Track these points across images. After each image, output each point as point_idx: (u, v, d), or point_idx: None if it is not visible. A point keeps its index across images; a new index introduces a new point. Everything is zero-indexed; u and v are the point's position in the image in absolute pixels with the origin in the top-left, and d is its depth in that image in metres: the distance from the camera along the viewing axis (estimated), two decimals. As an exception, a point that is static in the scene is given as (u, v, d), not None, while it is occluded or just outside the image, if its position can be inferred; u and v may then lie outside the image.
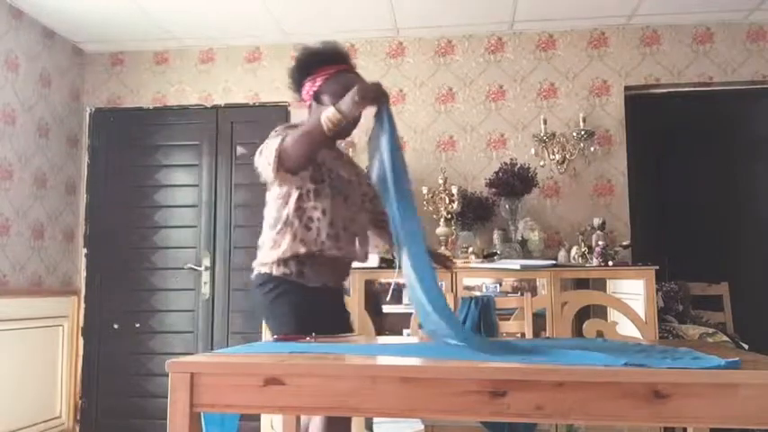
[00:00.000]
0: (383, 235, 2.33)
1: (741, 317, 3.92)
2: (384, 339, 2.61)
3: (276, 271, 2.07)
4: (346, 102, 1.85)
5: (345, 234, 2.10)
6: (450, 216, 3.61)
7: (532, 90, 4.09)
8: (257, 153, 2.03)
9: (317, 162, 2.05)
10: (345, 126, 1.97)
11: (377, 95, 1.85)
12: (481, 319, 2.86)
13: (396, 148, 1.78)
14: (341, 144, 2.54)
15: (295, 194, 2.05)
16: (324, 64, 2.12)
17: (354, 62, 2.24)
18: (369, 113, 1.92)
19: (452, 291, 3.23)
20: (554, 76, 4.09)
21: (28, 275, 3.88)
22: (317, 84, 2.11)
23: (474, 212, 3.83)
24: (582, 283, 3.53)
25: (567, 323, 3.17)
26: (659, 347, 1.58)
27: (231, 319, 4.21)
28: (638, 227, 3.96)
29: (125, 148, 4.41)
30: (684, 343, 1.91)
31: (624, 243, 3.64)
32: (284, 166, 1.92)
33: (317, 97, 2.12)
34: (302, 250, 2.04)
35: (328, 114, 1.86)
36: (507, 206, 3.76)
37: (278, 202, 2.08)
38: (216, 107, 4.36)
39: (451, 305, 2.70)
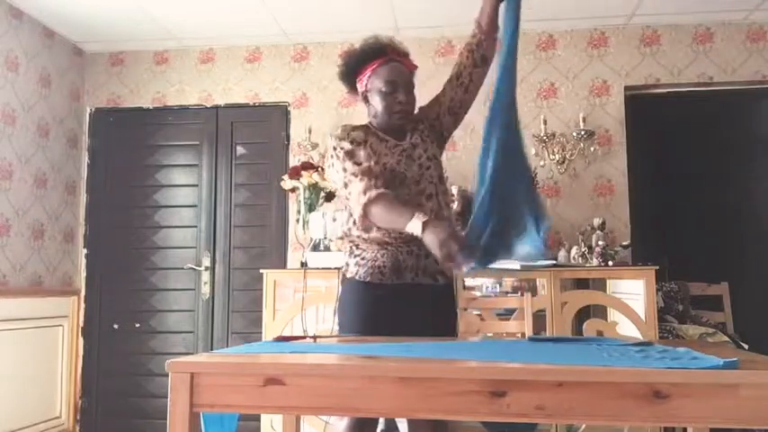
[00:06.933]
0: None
1: (741, 317, 3.92)
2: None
3: None
4: (431, 240, 1.80)
5: None
6: (450, 216, 3.60)
7: (532, 90, 4.09)
8: (329, 165, 2.10)
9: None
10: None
11: (450, 253, 1.77)
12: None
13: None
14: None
15: None
16: (365, 62, 2.12)
17: (399, 47, 2.18)
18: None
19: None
20: (554, 76, 4.09)
21: (28, 275, 3.88)
22: (364, 84, 2.12)
23: (474, 212, 3.82)
24: (582, 283, 3.52)
25: (567, 323, 3.17)
26: (659, 347, 1.58)
27: (231, 319, 4.21)
28: (638, 227, 3.96)
29: (125, 148, 4.40)
30: (684, 343, 1.91)
31: (624, 243, 3.64)
32: (367, 221, 1.98)
33: (365, 98, 2.14)
34: None
35: (414, 228, 1.84)
36: (507, 206, 3.75)
37: None
38: (216, 107, 4.36)
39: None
